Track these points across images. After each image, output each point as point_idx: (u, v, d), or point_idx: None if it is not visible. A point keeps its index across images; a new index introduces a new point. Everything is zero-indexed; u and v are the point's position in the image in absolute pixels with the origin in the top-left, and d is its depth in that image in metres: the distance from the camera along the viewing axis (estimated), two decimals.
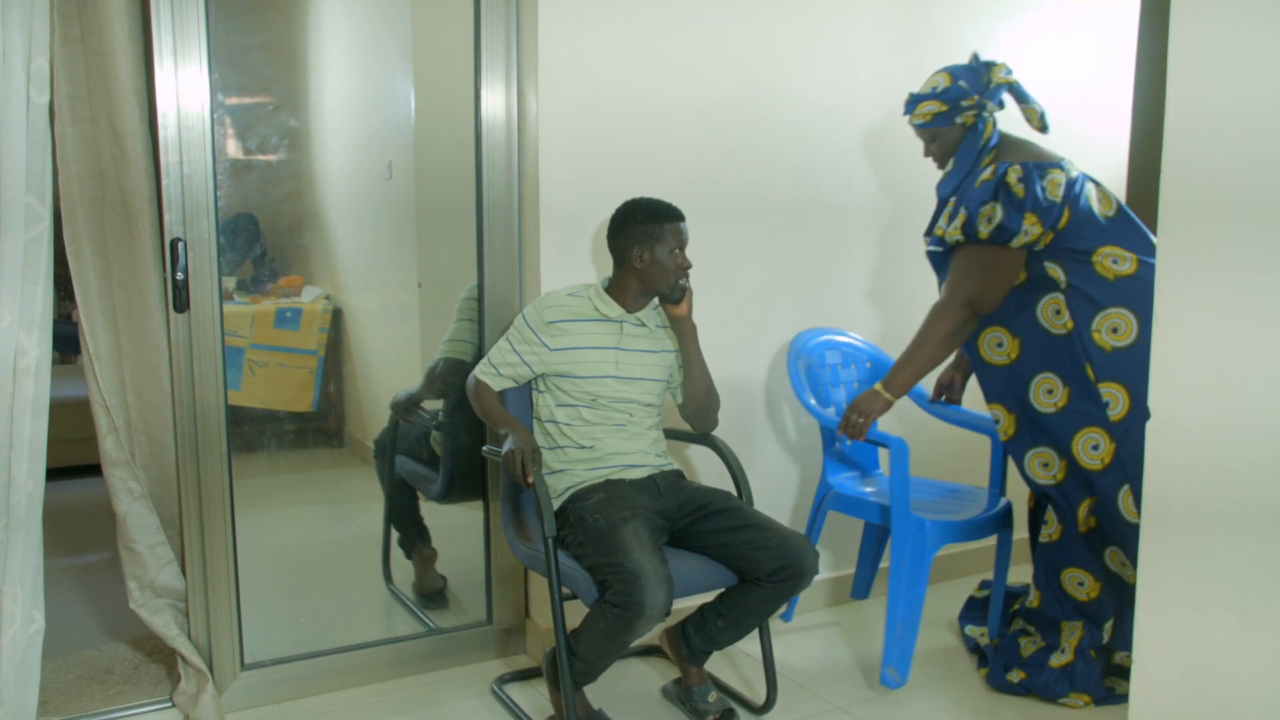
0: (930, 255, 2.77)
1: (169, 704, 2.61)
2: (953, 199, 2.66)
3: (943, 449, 3.43)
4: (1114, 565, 2.65)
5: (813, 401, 3.01)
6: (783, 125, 3.11)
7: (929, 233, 2.74)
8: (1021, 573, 3.19)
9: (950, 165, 2.70)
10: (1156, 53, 3.66)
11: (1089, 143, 3.63)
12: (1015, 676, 2.74)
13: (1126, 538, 2.57)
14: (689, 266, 2.58)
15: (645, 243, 2.54)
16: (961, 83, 2.62)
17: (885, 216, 3.34)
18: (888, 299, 3.37)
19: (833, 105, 3.18)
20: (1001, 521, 2.95)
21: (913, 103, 2.70)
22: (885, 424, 3.30)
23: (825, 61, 3.15)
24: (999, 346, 2.70)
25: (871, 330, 3.35)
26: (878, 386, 2.70)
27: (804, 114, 3.14)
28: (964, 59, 2.75)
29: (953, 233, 2.60)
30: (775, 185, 3.13)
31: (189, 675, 2.57)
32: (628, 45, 2.83)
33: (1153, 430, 1.60)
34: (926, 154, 2.76)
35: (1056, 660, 2.71)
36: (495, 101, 2.81)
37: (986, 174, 2.57)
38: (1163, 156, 1.54)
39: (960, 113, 2.62)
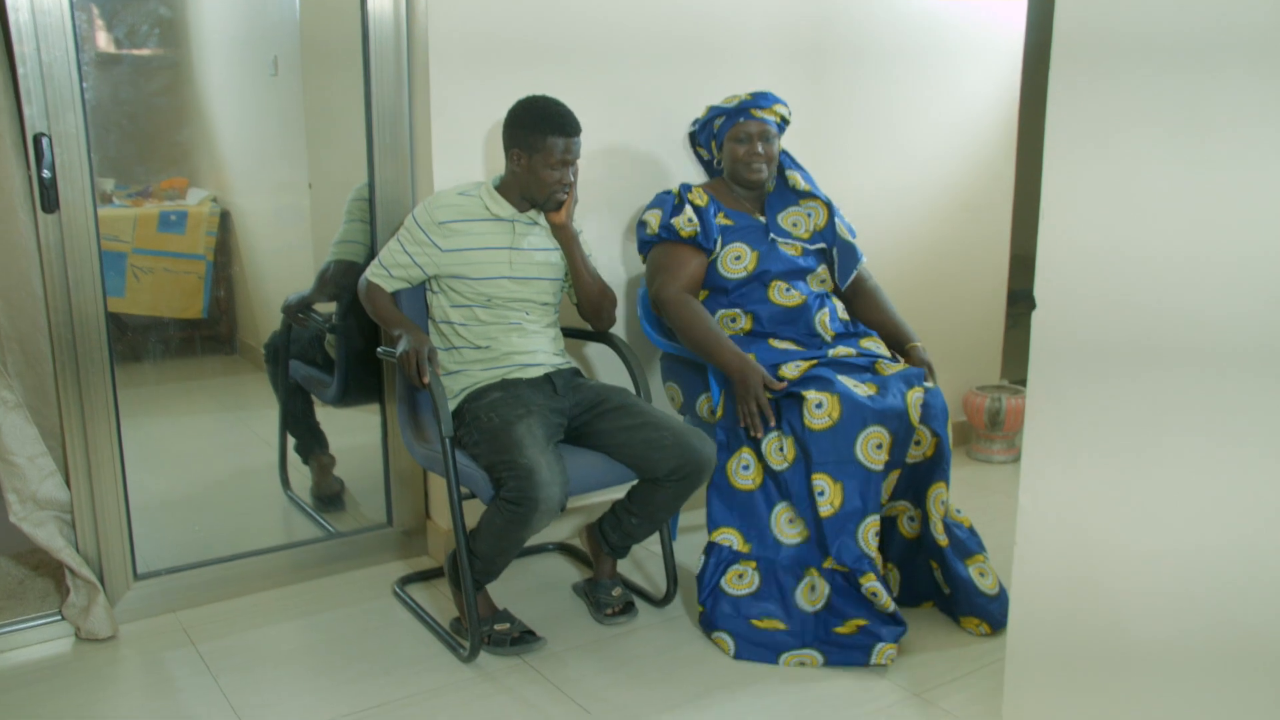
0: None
1: (58, 617, 2.55)
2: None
3: None
4: None
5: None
6: (698, 23, 3.03)
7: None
8: None
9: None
10: None
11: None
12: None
13: None
14: (568, 183, 2.50)
15: (524, 148, 2.47)
16: None
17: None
18: None
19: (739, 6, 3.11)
20: None
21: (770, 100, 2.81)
22: None
23: None
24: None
25: None
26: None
27: (717, 16, 3.07)
28: None
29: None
30: (682, 84, 3.07)
31: (78, 588, 2.52)
32: None
33: (1042, 274, 1.63)
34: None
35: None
36: None
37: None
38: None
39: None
